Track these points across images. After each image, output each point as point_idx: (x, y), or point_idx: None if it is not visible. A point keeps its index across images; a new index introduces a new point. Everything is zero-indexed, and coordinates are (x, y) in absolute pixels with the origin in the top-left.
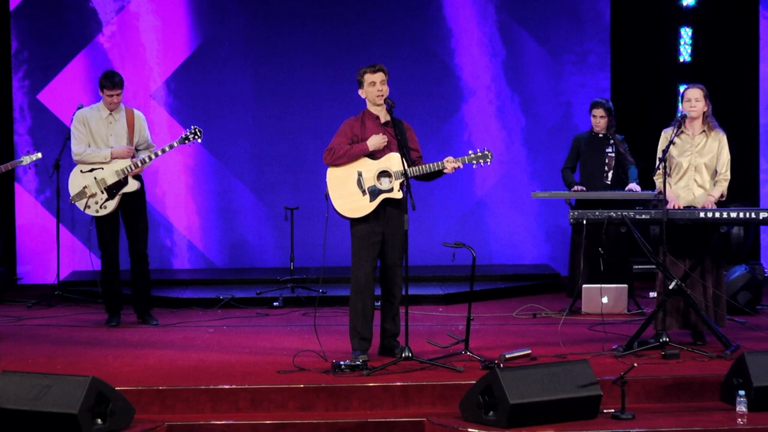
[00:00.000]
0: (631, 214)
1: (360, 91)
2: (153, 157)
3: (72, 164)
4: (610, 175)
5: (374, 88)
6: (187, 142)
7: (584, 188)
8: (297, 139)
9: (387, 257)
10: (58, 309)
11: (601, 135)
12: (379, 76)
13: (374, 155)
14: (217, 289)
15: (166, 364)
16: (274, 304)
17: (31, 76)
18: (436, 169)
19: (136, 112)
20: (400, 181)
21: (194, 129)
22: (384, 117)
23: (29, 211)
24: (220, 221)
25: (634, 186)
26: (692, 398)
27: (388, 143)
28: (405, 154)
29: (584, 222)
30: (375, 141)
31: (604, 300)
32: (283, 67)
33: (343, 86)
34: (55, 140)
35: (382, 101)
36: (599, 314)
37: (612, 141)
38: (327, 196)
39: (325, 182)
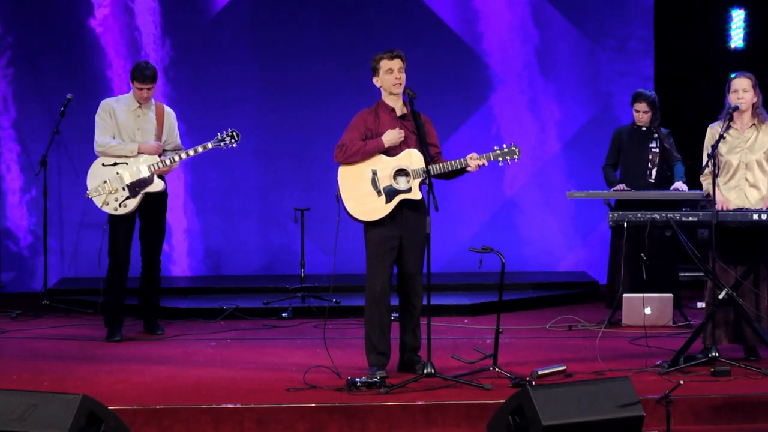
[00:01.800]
0: (677, 215)
1: (375, 80)
2: (183, 157)
3: (62, 160)
4: (653, 172)
5: (391, 76)
6: (222, 145)
7: (627, 187)
8: (307, 133)
9: (405, 264)
10: (46, 320)
11: (644, 128)
12: (396, 63)
13: (390, 152)
14: (220, 299)
15: (163, 381)
16: (283, 315)
17: (16, 63)
18: (458, 167)
19: (167, 108)
20: (420, 180)
21: (232, 132)
22: (400, 109)
23: (13, 212)
24: (222, 224)
25: (680, 185)
26: (745, 419)
27: (405, 138)
28: (425, 150)
29: (625, 225)
30: (391, 136)
31: (647, 311)
32: (292, 53)
33: (358, 74)
34: (42, 134)
35: (400, 91)
36: (641, 327)
37: (656, 135)
38: (338, 197)
39: (337, 181)
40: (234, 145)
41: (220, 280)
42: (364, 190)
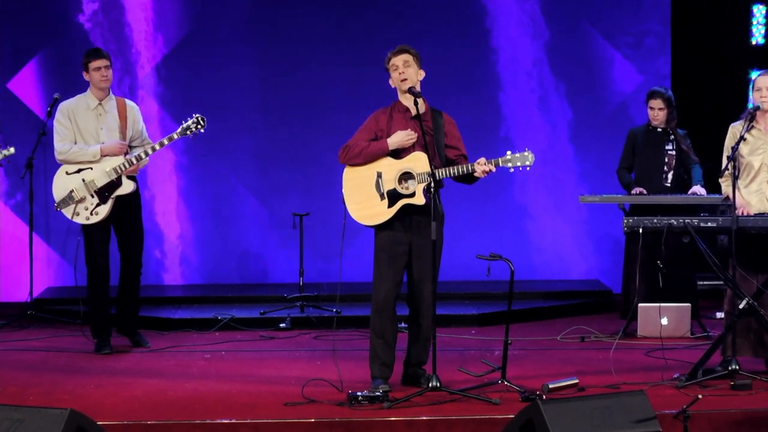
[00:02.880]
0: (695, 221)
1: (390, 80)
2: (150, 152)
3: (49, 162)
4: (670, 175)
5: (395, 73)
6: (189, 133)
7: (644, 191)
8: (308, 134)
9: (414, 271)
10: (31, 331)
11: (659, 129)
12: (401, 59)
13: (399, 154)
14: (215, 309)
15: (155, 395)
16: (281, 325)
17: (0, 62)
18: (464, 172)
19: (129, 102)
20: (425, 184)
21: (197, 117)
22: (414, 109)
23: None
24: (217, 230)
25: (698, 189)
26: None
27: (419, 140)
28: (436, 153)
29: (640, 231)
30: (398, 138)
31: (664, 321)
32: (292, 50)
33: (362, 72)
34: (28, 136)
35: (407, 88)
36: (658, 338)
37: (672, 136)
38: (343, 200)
39: (341, 184)
40: (202, 131)
41: (214, 288)
42: (367, 193)
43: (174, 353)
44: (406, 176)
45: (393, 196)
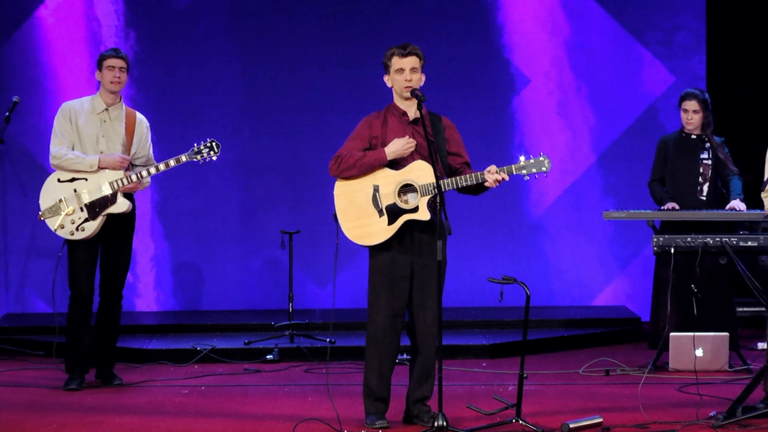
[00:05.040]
0: (734, 239)
1: (385, 78)
2: (153, 172)
3: (8, 174)
4: (705, 188)
5: (401, 77)
6: (198, 158)
7: (676, 206)
8: (298, 143)
9: (417, 296)
10: None
11: (693, 136)
12: (409, 62)
13: (397, 164)
14: (193, 338)
15: None
16: (268, 357)
17: None
18: (473, 182)
19: (140, 116)
20: (429, 197)
21: (211, 142)
22: (414, 113)
23: None
24: (196, 249)
25: (737, 203)
26: None
27: (417, 147)
28: (439, 161)
29: (672, 251)
30: (396, 147)
31: (699, 353)
32: (280, 47)
33: (358, 72)
34: None
35: (409, 94)
36: (692, 371)
37: (708, 144)
38: (336, 217)
39: (333, 199)
40: (214, 158)
41: (193, 316)
42: (363, 209)
43: (147, 388)
44: (406, 189)
45: (393, 212)
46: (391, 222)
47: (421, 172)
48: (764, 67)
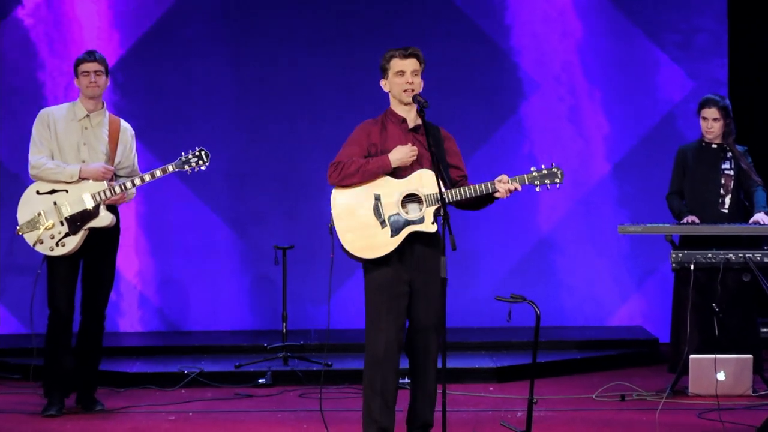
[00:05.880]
0: (758, 255)
1: (382, 83)
2: (138, 183)
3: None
4: (727, 200)
5: (401, 80)
6: (187, 168)
7: (696, 219)
8: (292, 151)
9: (417, 316)
10: None
11: (714, 145)
12: (410, 64)
13: (399, 173)
14: (180, 361)
15: None
16: (260, 381)
17: None
18: (484, 192)
19: (124, 123)
20: (435, 208)
21: (200, 151)
22: (414, 120)
23: None
24: (184, 266)
25: (761, 217)
26: None
27: (418, 157)
28: (442, 171)
29: (692, 267)
30: (400, 154)
31: (721, 376)
32: (273, 50)
33: (356, 76)
34: None
35: (410, 100)
36: (713, 396)
37: (730, 153)
38: (332, 229)
39: (330, 209)
40: (203, 168)
41: (180, 337)
42: (364, 219)
43: (131, 414)
44: (408, 199)
45: (397, 223)
46: (394, 234)
47: (426, 182)
48: None
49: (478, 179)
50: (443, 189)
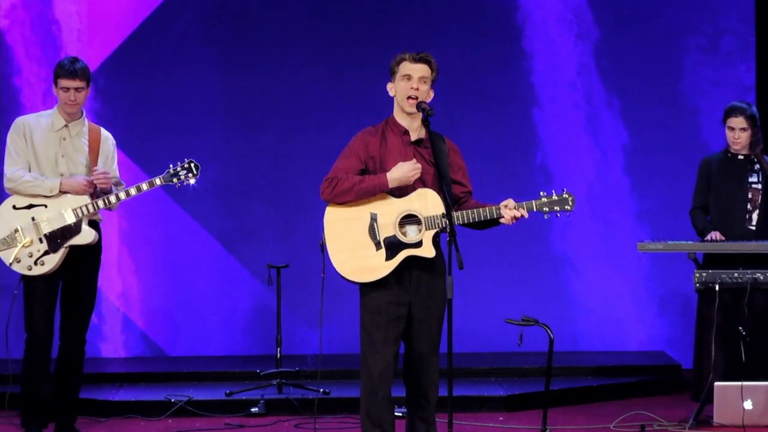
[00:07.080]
0: None
1: (389, 86)
2: (123, 197)
3: None
4: (754, 216)
5: (406, 84)
6: (175, 181)
7: (721, 236)
8: (286, 163)
9: (416, 341)
10: None
11: (741, 156)
12: (419, 69)
13: (399, 189)
14: (167, 388)
15: None
16: (253, 410)
17: None
18: (488, 217)
19: (105, 132)
20: (434, 231)
21: (189, 163)
22: (417, 131)
23: None
24: (170, 286)
25: None
26: None
27: (420, 174)
28: (445, 191)
29: (717, 288)
30: (399, 173)
31: (748, 405)
32: (266, 54)
33: (356, 83)
34: None
35: (413, 109)
36: (740, 426)
37: (758, 165)
38: (323, 247)
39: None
40: (192, 182)
41: (166, 362)
42: (357, 240)
43: None
44: (407, 219)
45: (393, 246)
46: (389, 257)
47: (428, 202)
48: None
49: (487, 192)
50: (450, 210)
